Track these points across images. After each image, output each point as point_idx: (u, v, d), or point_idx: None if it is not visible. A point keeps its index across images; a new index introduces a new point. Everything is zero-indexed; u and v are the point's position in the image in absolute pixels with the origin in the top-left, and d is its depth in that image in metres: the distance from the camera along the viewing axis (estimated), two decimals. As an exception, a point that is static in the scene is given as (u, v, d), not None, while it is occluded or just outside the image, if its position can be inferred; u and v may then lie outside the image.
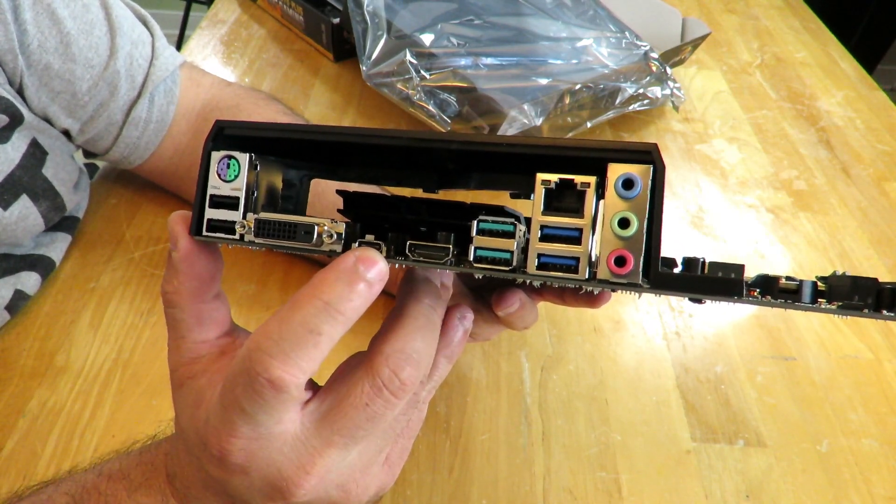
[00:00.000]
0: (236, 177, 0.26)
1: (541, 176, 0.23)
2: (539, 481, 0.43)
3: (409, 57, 0.67)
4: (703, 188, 0.70)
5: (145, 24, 0.54)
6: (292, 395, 0.24)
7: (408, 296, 0.28)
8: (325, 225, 0.25)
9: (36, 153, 0.49)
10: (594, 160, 0.22)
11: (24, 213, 0.49)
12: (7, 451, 0.42)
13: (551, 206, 0.23)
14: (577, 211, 0.22)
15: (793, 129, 0.79)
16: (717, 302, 0.23)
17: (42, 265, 0.53)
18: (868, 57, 1.81)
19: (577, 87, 0.67)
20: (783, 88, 0.87)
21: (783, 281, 0.25)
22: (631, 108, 0.72)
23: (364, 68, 0.69)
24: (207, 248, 0.27)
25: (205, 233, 0.26)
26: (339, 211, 0.28)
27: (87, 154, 0.56)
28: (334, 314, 0.24)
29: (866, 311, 0.22)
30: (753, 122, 0.80)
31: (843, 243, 0.64)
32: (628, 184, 0.21)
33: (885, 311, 0.22)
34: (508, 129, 0.63)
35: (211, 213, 0.26)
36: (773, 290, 0.25)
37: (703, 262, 0.25)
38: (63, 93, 0.48)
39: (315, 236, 0.25)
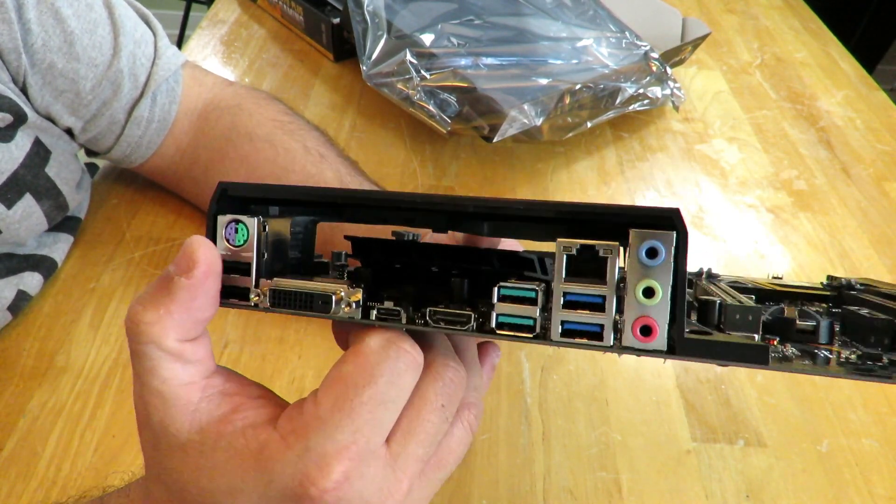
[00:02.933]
0: (245, 241, 0.25)
1: (562, 241, 0.22)
2: (539, 481, 0.43)
3: (409, 57, 0.67)
4: (703, 188, 0.70)
5: (148, 23, 0.54)
6: None
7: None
8: (341, 292, 0.24)
9: (39, 152, 0.49)
10: (614, 224, 0.22)
11: (28, 211, 0.49)
12: (7, 451, 0.42)
13: (573, 271, 0.22)
14: (600, 277, 0.22)
15: (793, 129, 0.79)
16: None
17: (44, 266, 0.53)
18: (868, 57, 1.81)
19: (578, 87, 0.67)
20: (783, 88, 0.87)
21: (799, 322, 0.24)
22: (631, 108, 0.72)
23: (364, 68, 0.69)
24: (217, 283, 0.24)
25: (220, 300, 0.25)
26: (344, 254, 0.28)
27: (89, 153, 0.57)
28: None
29: (885, 363, 0.22)
30: (753, 122, 0.80)
31: (843, 243, 0.64)
32: (652, 252, 0.21)
33: None
34: (509, 129, 0.63)
35: (223, 280, 0.25)
36: (790, 333, 0.24)
37: (721, 306, 0.25)
38: (66, 91, 0.48)
39: (333, 305, 0.24)
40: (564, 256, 0.22)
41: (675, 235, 0.21)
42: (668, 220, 0.21)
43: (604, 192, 0.68)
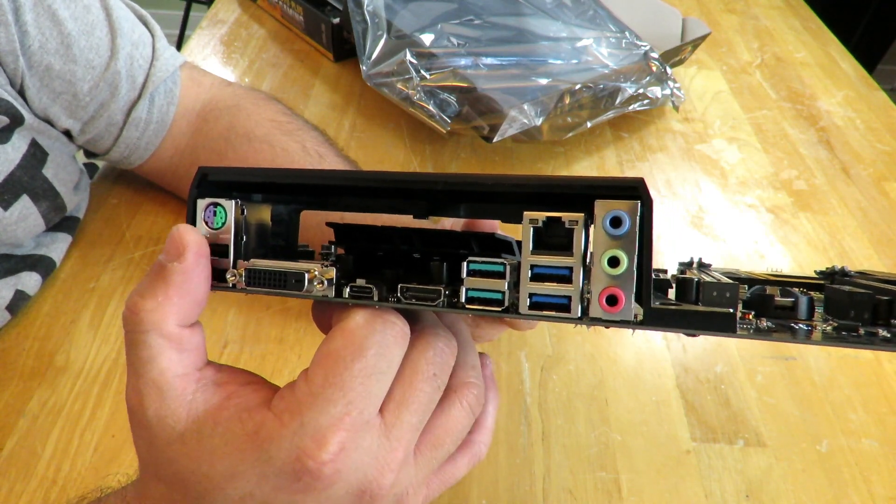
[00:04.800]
0: (224, 224, 0.25)
1: (528, 214, 0.22)
2: (539, 481, 0.43)
3: (409, 57, 0.67)
4: (703, 188, 0.70)
5: (146, 24, 0.54)
6: None
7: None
8: (315, 271, 0.24)
9: (36, 154, 0.49)
10: (581, 196, 0.22)
11: (25, 213, 0.49)
12: (7, 451, 0.42)
13: (540, 244, 0.22)
14: (567, 249, 0.22)
15: (793, 129, 0.79)
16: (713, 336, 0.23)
17: (43, 266, 0.53)
18: (868, 57, 1.81)
19: (577, 86, 0.67)
20: (783, 88, 0.87)
21: (778, 298, 0.24)
22: (631, 108, 0.72)
23: (364, 68, 0.69)
24: (207, 265, 0.25)
25: None
26: (330, 242, 0.28)
27: (88, 154, 0.56)
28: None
29: (862, 334, 0.22)
30: (753, 122, 0.80)
31: (843, 243, 0.64)
32: (616, 222, 0.21)
33: (881, 332, 0.22)
34: (508, 129, 0.63)
35: None
36: (768, 308, 0.24)
37: (698, 283, 0.25)
38: (64, 93, 0.48)
39: (305, 283, 0.24)
40: (531, 229, 0.22)
41: (639, 205, 0.21)
42: (633, 190, 0.21)
43: (604, 192, 0.68)
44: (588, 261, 0.22)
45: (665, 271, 0.33)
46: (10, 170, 0.47)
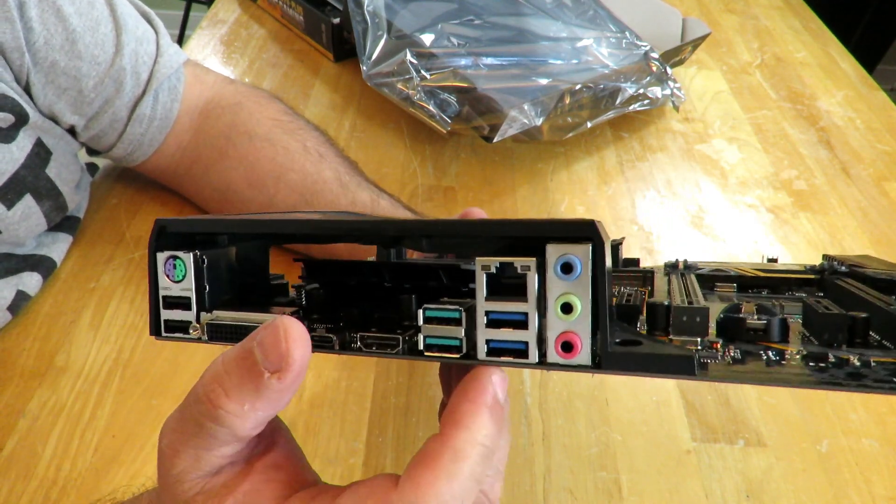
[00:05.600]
0: (184, 276, 0.25)
1: (480, 260, 0.21)
2: (539, 481, 0.43)
3: (409, 57, 0.67)
4: (703, 188, 0.70)
5: (149, 21, 0.54)
6: None
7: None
8: None
9: (40, 153, 0.49)
10: (533, 239, 0.21)
11: (28, 212, 0.49)
12: (7, 452, 0.42)
13: (495, 289, 0.21)
14: (521, 294, 0.21)
15: (793, 129, 0.79)
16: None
17: (44, 266, 0.53)
18: (868, 57, 1.81)
19: (578, 87, 0.67)
20: (783, 88, 0.87)
21: (750, 320, 0.24)
22: (631, 108, 0.72)
23: (364, 68, 0.69)
24: (302, 378, 0.23)
25: (164, 333, 0.26)
26: (300, 277, 0.28)
27: (90, 152, 0.57)
28: (490, 456, 0.21)
29: (832, 361, 0.22)
30: (753, 122, 0.80)
31: (843, 243, 0.64)
32: (567, 267, 0.20)
33: (852, 360, 0.21)
34: (508, 129, 0.63)
35: (166, 314, 0.25)
36: (740, 332, 0.24)
37: (668, 308, 0.24)
38: (69, 90, 0.48)
39: None
40: (484, 275, 0.21)
41: (590, 248, 0.20)
42: (584, 233, 0.20)
43: (604, 192, 0.68)
44: (545, 304, 0.21)
45: (651, 273, 0.33)
46: (14, 169, 0.47)
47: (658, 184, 0.70)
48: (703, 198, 0.68)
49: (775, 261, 0.39)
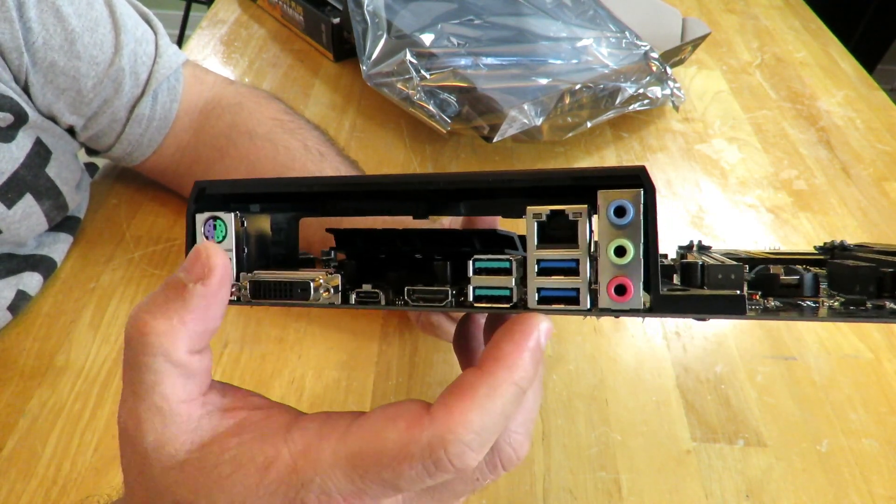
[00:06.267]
0: (224, 237, 0.25)
1: (531, 209, 0.22)
2: (539, 481, 0.43)
3: (409, 57, 0.67)
4: (703, 188, 0.70)
5: (148, 22, 0.54)
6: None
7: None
8: (320, 279, 0.24)
9: (40, 152, 0.49)
10: (583, 187, 0.22)
11: (28, 211, 0.49)
12: (7, 451, 0.42)
13: (545, 238, 0.22)
14: (572, 241, 0.22)
15: (793, 129, 0.79)
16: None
17: (44, 266, 0.53)
18: (868, 57, 1.81)
19: (577, 86, 0.67)
20: (783, 88, 0.87)
21: (783, 277, 0.24)
22: (631, 108, 0.72)
23: (364, 68, 0.69)
24: (228, 289, 0.24)
25: None
26: (331, 248, 0.28)
27: (90, 152, 0.57)
28: (522, 398, 0.22)
29: (869, 307, 0.22)
30: (753, 122, 0.80)
31: (843, 243, 0.64)
32: (620, 211, 0.21)
33: (888, 304, 0.22)
34: (508, 129, 0.63)
35: None
36: (773, 287, 0.24)
37: (703, 267, 0.25)
38: (68, 90, 0.48)
39: (311, 292, 0.24)
40: (535, 224, 0.22)
41: (642, 193, 0.21)
42: (635, 178, 0.21)
43: (604, 192, 0.68)
44: (594, 251, 0.22)
45: (665, 256, 0.33)
46: (14, 168, 0.47)
47: (658, 184, 0.70)
48: (703, 198, 0.68)
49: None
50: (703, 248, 0.37)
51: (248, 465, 0.22)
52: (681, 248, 0.37)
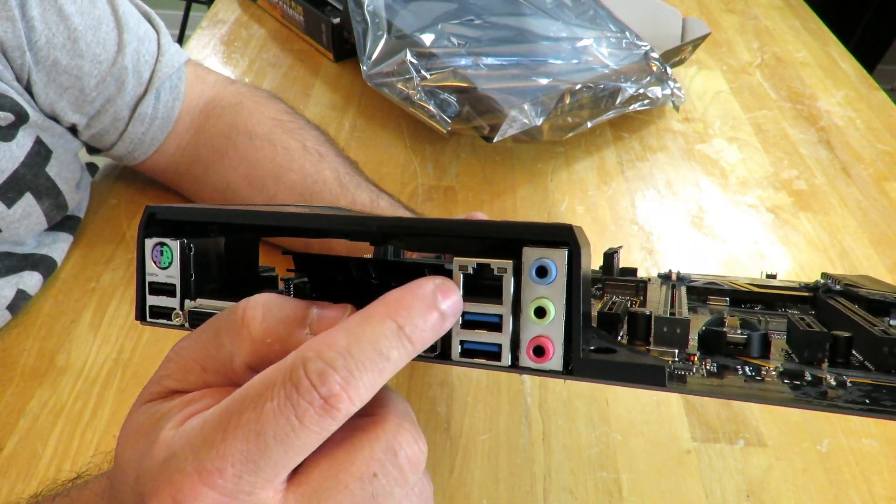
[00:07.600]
0: (170, 263, 0.25)
1: (458, 260, 0.21)
2: (539, 481, 0.43)
3: (409, 57, 0.67)
4: (703, 188, 0.70)
5: (150, 21, 0.54)
6: (332, 428, 0.19)
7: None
8: None
9: (41, 151, 0.49)
10: (511, 241, 0.21)
11: (28, 210, 0.49)
12: (7, 451, 0.42)
13: (472, 289, 0.21)
14: (496, 296, 0.21)
15: (793, 129, 0.79)
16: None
17: (44, 265, 0.53)
18: (868, 57, 1.82)
19: (578, 86, 0.67)
20: (783, 88, 0.87)
21: (731, 335, 0.24)
22: (631, 108, 0.72)
23: (364, 68, 0.69)
24: None
25: (149, 318, 0.26)
26: (288, 270, 0.28)
27: (91, 150, 0.57)
28: (405, 342, 0.20)
29: (808, 379, 0.21)
30: (753, 122, 0.80)
31: (844, 243, 0.64)
32: (542, 271, 0.20)
33: (826, 379, 0.21)
34: (509, 129, 0.63)
35: (152, 300, 0.26)
36: (720, 345, 0.24)
37: (650, 318, 0.24)
38: (71, 88, 0.48)
39: None
40: (461, 276, 0.21)
41: (566, 253, 0.20)
42: (561, 237, 0.20)
43: (604, 192, 0.68)
44: (520, 307, 0.21)
45: (645, 282, 0.33)
46: (14, 167, 0.47)
47: (658, 184, 0.70)
48: (704, 198, 0.68)
49: (774, 277, 0.39)
50: (681, 279, 0.36)
51: (141, 429, 0.22)
52: (660, 276, 0.37)
